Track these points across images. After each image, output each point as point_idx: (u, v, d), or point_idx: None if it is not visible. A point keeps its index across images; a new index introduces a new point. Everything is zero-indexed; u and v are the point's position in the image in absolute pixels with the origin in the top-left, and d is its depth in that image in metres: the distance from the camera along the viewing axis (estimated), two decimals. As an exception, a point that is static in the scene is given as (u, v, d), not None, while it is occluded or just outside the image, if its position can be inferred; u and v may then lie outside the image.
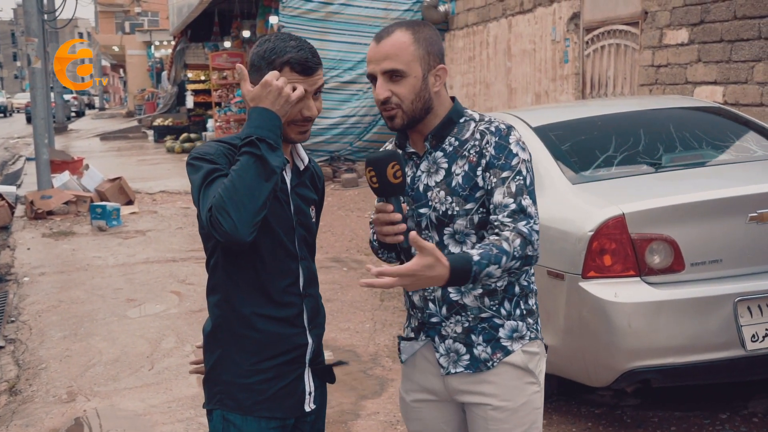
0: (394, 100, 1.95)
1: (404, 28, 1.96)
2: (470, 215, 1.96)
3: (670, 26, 7.32)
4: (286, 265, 2.00)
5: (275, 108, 1.84)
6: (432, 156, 2.02)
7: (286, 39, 1.92)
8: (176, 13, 21.26)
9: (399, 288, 1.94)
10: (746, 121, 4.14)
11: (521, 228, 1.88)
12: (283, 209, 1.99)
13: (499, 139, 1.95)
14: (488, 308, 1.99)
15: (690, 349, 3.13)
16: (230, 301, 1.98)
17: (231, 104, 17.24)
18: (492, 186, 1.93)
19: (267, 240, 1.95)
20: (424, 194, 2.01)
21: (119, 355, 4.99)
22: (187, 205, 10.99)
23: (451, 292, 1.98)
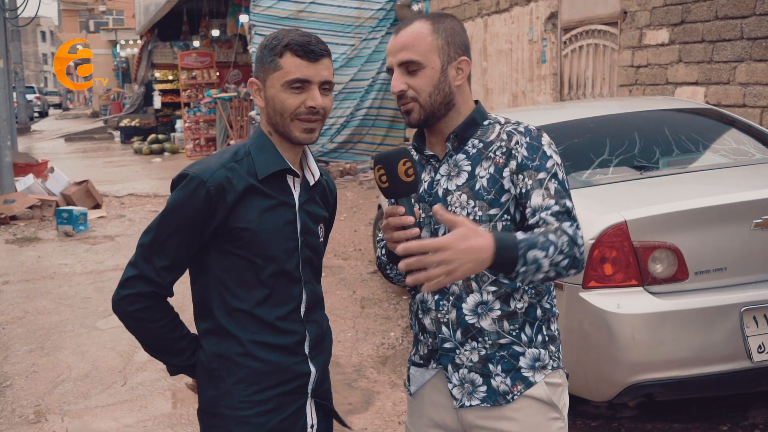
0: (410, 94, 1.80)
1: (424, 19, 1.82)
2: (494, 221, 1.78)
3: (650, 26, 7.25)
4: (288, 290, 1.83)
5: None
6: (453, 159, 1.85)
7: (291, 29, 1.80)
8: (143, 12, 20.88)
9: (380, 295, 1.75)
10: (739, 123, 4.05)
11: (566, 228, 1.68)
12: (288, 229, 1.82)
13: (530, 139, 1.79)
14: (508, 333, 1.81)
15: (695, 361, 3.01)
16: (224, 328, 1.81)
17: (200, 104, 16.91)
18: (528, 188, 1.75)
19: (268, 266, 1.79)
20: (444, 199, 1.83)
21: (90, 370, 4.74)
22: (156, 208, 10.71)
23: (467, 314, 1.81)
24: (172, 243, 1.76)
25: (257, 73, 1.81)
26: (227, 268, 1.79)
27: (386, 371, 4.59)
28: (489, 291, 1.80)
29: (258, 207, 1.77)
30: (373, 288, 6.38)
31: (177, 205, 1.75)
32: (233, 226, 1.76)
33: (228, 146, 1.88)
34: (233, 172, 1.76)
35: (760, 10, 6.02)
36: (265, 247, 1.77)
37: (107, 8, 48.88)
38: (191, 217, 1.74)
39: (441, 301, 1.84)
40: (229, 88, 15.51)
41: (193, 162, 1.83)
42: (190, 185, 1.74)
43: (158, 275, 1.77)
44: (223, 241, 1.78)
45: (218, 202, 1.73)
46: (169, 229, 1.76)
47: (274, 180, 1.80)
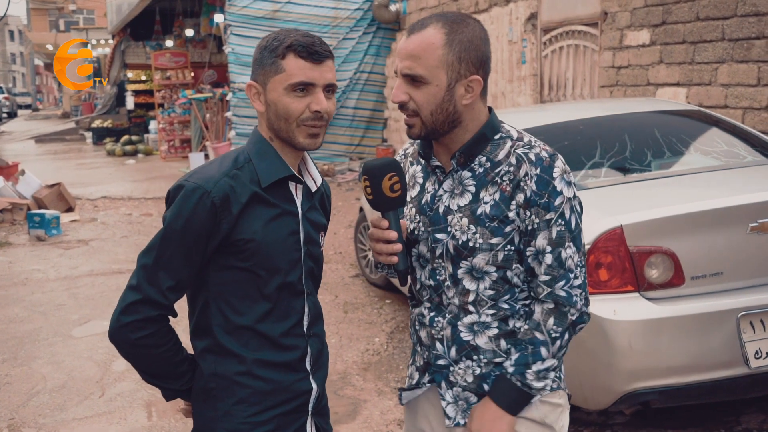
0: (411, 106, 1.69)
1: (441, 24, 1.65)
2: (495, 251, 1.69)
3: (631, 27, 7.24)
4: (291, 304, 1.74)
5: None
6: (458, 175, 1.75)
7: (290, 30, 1.70)
8: (115, 11, 20.56)
9: (363, 299, 1.70)
10: (727, 125, 4.02)
11: (558, 292, 1.67)
12: (292, 239, 1.72)
13: (540, 171, 1.65)
14: (504, 352, 1.74)
15: (693, 368, 2.96)
16: (224, 346, 1.71)
17: (175, 105, 16.67)
18: (534, 227, 1.67)
19: (272, 278, 1.69)
20: (444, 218, 1.74)
21: (66, 381, 4.59)
22: (131, 211, 10.51)
23: (462, 330, 1.74)
24: (178, 261, 1.65)
25: (256, 75, 1.71)
26: (228, 283, 1.70)
27: (372, 378, 4.50)
28: (488, 313, 1.74)
29: (263, 217, 1.69)
30: (356, 292, 6.29)
31: (180, 218, 1.63)
32: (237, 238, 1.66)
33: (225, 154, 1.77)
34: (236, 180, 1.67)
35: (742, 11, 6.02)
36: (270, 258, 1.69)
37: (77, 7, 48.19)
38: (196, 231, 1.63)
39: (436, 318, 1.79)
40: (204, 88, 15.32)
41: (191, 171, 1.73)
42: (193, 196, 1.63)
43: (165, 297, 1.66)
44: (226, 255, 1.68)
45: (223, 213, 1.64)
46: (172, 246, 1.64)
47: (277, 188, 1.71)
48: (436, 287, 1.77)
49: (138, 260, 1.68)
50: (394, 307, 5.87)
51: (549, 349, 1.68)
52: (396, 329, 5.35)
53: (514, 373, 1.68)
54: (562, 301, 1.67)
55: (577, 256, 1.69)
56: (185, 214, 1.62)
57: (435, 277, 1.77)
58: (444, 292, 1.76)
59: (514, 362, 1.68)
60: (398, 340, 5.12)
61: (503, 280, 1.71)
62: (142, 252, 1.69)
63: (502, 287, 1.72)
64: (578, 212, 1.70)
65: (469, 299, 1.73)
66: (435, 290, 1.78)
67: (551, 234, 1.66)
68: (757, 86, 5.97)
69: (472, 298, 1.72)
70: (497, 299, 1.72)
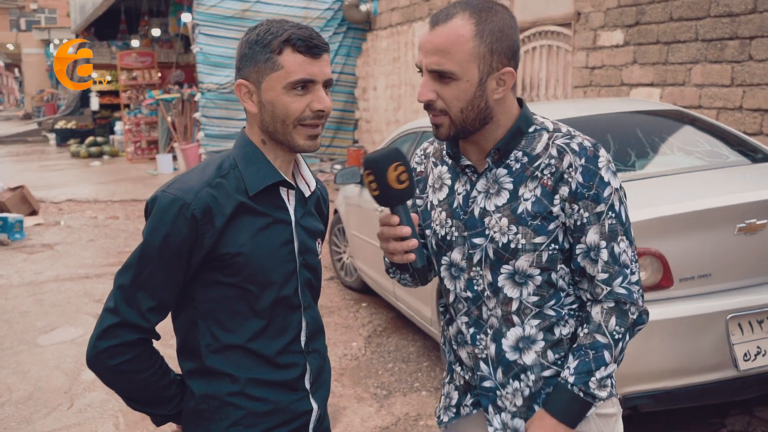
0: (438, 105, 1.55)
1: (468, 14, 1.51)
2: (539, 251, 1.56)
3: (604, 27, 7.24)
4: (287, 319, 1.61)
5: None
6: (493, 173, 1.61)
7: (281, 21, 1.55)
8: (78, 10, 20.18)
9: (339, 302, 1.58)
10: (709, 125, 3.99)
11: (617, 290, 1.56)
12: (285, 250, 1.60)
13: (586, 161, 1.53)
14: (552, 363, 1.62)
15: (682, 371, 2.92)
16: (214, 367, 1.58)
17: (141, 106, 16.37)
18: (583, 221, 1.55)
19: (264, 294, 1.56)
20: (481, 220, 1.61)
21: (32, 392, 4.41)
22: (97, 214, 10.27)
23: (507, 351, 1.62)
24: (158, 279, 1.51)
25: (246, 73, 1.55)
26: (216, 300, 1.57)
27: (351, 384, 4.40)
28: (532, 324, 1.62)
29: (250, 228, 1.55)
30: (331, 296, 6.18)
31: (158, 234, 1.50)
32: (223, 252, 1.53)
33: (208, 160, 1.63)
34: (219, 189, 1.53)
35: (715, 11, 6.05)
36: (261, 272, 1.56)
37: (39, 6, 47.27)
38: (176, 246, 1.49)
39: (478, 335, 1.66)
40: (171, 89, 15.05)
41: (170, 181, 1.58)
42: (171, 209, 1.49)
43: (145, 319, 1.52)
44: (211, 270, 1.55)
45: (206, 227, 1.50)
46: (151, 263, 1.50)
47: (267, 195, 1.58)
48: (475, 298, 1.64)
49: (115, 280, 1.56)
50: (370, 310, 5.77)
51: (612, 352, 1.56)
52: (373, 333, 5.26)
53: (576, 383, 1.55)
54: (624, 298, 1.56)
55: (630, 250, 1.58)
56: (164, 228, 1.49)
57: (473, 288, 1.64)
58: (484, 304, 1.63)
59: (575, 371, 1.55)
60: (376, 345, 5.03)
61: (548, 284, 1.59)
62: (119, 271, 1.55)
63: (546, 292, 1.60)
64: (626, 205, 1.60)
65: (512, 308, 1.60)
66: (473, 302, 1.65)
67: (603, 228, 1.55)
68: (730, 86, 5.99)
69: (515, 306, 1.60)
70: (542, 306, 1.60)
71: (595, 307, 1.59)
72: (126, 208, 10.72)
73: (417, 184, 1.78)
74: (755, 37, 5.71)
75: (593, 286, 1.58)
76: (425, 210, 1.75)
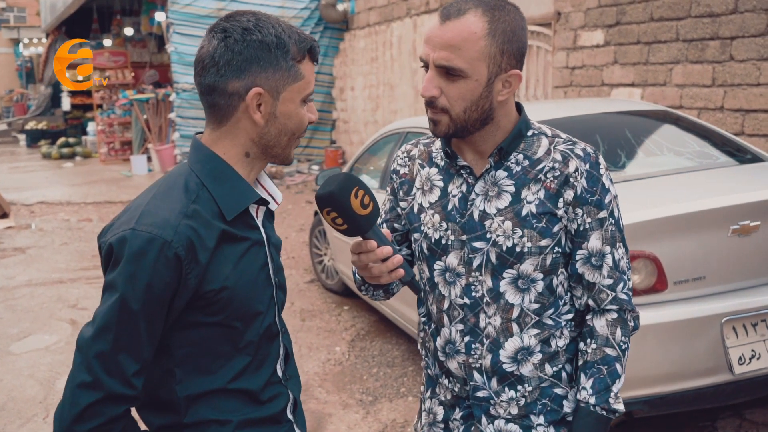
0: (441, 103, 1.49)
1: (481, 11, 1.45)
2: (543, 254, 1.53)
3: (585, 27, 7.23)
4: (267, 350, 1.47)
5: None
6: (492, 175, 1.56)
7: (280, 21, 1.39)
8: (49, 9, 19.84)
9: (320, 305, 1.47)
10: (696, 125, 3.97)
11: (620, 296, 1.55)
12: (263, 274, 1.45)
13: (590, 167, 1.53)
14: (549, 376, 1.59)
15: (677, 376, 2.87)
16: (197, 416, 1.41)
17: (115, 106, 16.12)
18: (586, 227, 1.53)
19: (250, 327, 1.42)
20: (481, 224, 1.55)
21: (5, 402, 4.26)
22: (70, 217, 10.06)
23: (505, 361, 1.57)
24: (141, 337, 1.29)
25: (262, 80, 1.35)
26: (196, 343, 1.38)
27: (335, 390, 4.31)
28: (531, 334, 1.57)
29: (232, 257, 1.38)
30: (312, 299, 6.08)
31: (136, 284, 1.26)
32: (207, 290, 1.34)
33: (165, 181, 1.40)
34: (197, 219, 1.33)
35: (696, 12, 6.05)
36: (245, 305, 1.39)
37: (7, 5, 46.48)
38: (159, 295, 1.28)
39: (473, 344, 1.59)
40: (145, 89, 14.84)
41: (130, 214, 1.33)
42: (149, 252, 1.27)
43: (131, 386, 1.30)
44: (191, 311, 1.36)
45: (191, 266, 1.30)
46: (133, 320, 1.28)
47: (240, 215, 1.41)
48: (473, 305, 1.58)
49: (84, 346, 1.29)
50: (352, 313, 5.69)
51: (622, 363, 1.55)
52: (357, 337, 5.17)
53: (598, 403, 1.52)
54: (625, 304, 1.56)
55: (626, 256, 1.58)
56: (144, 276, 1.26)
57: (470, 294, 1.58)
58: (483, 311, 1.58)
59: (593, 390, 1.53)
60: (360, 349, 4.94)
61: (549, 291, 1.56)
62: (90, 335, 1.29)
63: (547, 299, 1.57)
64: (619, 208, 1.60)
65: (512, 316, 1.56)
66: (471, 309, 1.59)
67: (606, 234, 1.54)
68: (711, 87, 6.00)
69: (516, 313, 1.56)
70: (541, 314, 1.57)
71: (598, 320, 1.57)
72: (100, 211, 10.52)
73: (401, 186, 1.71)
74: (736, 37, 5.72)
75: (596, 293, 1.56)
76: (411, 213, 1.68)
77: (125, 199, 11.26)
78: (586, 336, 1.57)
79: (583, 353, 1.57)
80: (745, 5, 5.63)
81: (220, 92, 1.36)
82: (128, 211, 1.35)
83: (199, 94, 1.41)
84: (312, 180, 11.79)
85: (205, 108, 1.41)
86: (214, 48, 1.35)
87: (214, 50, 1.35)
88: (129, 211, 1.35)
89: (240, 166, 1.41)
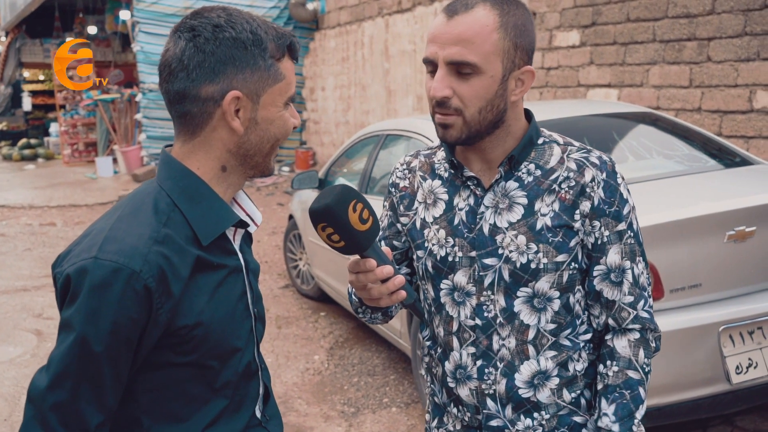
0: (454, 103, 1.37)
1: (490, 5, 1.37)
2: (560, 270, 1.43)
3: (560, 28, 7.18)
4: (246, 390, 1.32)
5: None
6: (502, 186, 1.45)
7: (249, 14, 1.25)
8: (8, 7, 19.32)
9: (296, 312, 1.33)
10: (682, 128, 3.91)
11: (642, 314, 1.45)
12: (241, 305, 1.29)
13: (607, 176, 1.44)
14: (569, 403, 1.48)
15: (675, 387, 2.80)
16: None
17: (79, 107, 15.74)
18: (604, 240, 1.44)
19: (226, 366, 1.26)
20: (492, 239, 1.44)
21: (-33, 420, 4.05)
22: (33, 221, 9.75)
23: (521, 386, 1.46)
24: (105, 383, 1.13)
25: (239, 82, 1.20)
26: (165, 387, 1.22)
27: (316, 401, 4.18)
28: (548, 356, 1.47)
29: (207, 288, 1.22)
30: (287, 305, 5.93)
31: (99, 322, 1.10)
32: (179, 326, 1.17)
33: (131, 201, 1.23)
34: (169, 244, 1.17)
35: (673, 12, 6.02)
36: (222, 341, 1.23)
37: (-35, 3, 45.40)
38: (126, 334, 1.12)
39: (486, 368, 1.48)
40: (110, 89, 14.51)
41: (90, 238, 1.17)
42: (115, 284, 1.10)
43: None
44: (160, 350, 1.19)
45: (162, 299, 1.14)
46: (94, 364, 1.11)
47: (216, 239, 1.25)
48: (485, 326, 1.47)
49: (38, 398, 1.12)
50: (329, 319, 5.55)
51: (645, 387, 1.46)
52: (335, 345, 5.04)
53: (621, 431, 1.42)
54: (647, 323, 1.47)
55: (646, 271, 1.49)
56: (108, 313, 1.10)
57: (482, 314, 1.47)
58: (496, 332, 1.46)
59: (616, 417, 1.42)
60: (339, 357, 4.81)
61: (565, 309, 1.46)
62: (45, 384, 1.12)
63: (564, 318, 1.46)
64: (637, 220, 1.50)
65: (528, 337, 1.45)
66: (483, 330, 1.47)
67: (625, 248, 1.44)
68: (689, 87, 5.98)
69: (532, 335, 1.45)
70: (558, 335, 1.46)
71: (619, 340, 1.47)
72: (64, 214, 10.23)
73: (402, 200, 1.59)
74: (714, 38, 5.70)
75: (617, 311, 1.46)
76: (413, 229, 1.56)
77: (90, 203, 10.97)
78: (605, 357, 1.47)
79: (603, 376, 1.47)
80: (723, 6, 5.62)
81: (191, 99, 1.20)
82: (88, 236, 1.18)
83: (166, 104, 1.24)
84: (283, 182, 11.60)
85: (175, 118, 1.24)
86: (181, 49, 1.19)
87: (181, 52, 1.19)
88: (89, 236, 1.18)
89: (216, 183, 1.25)
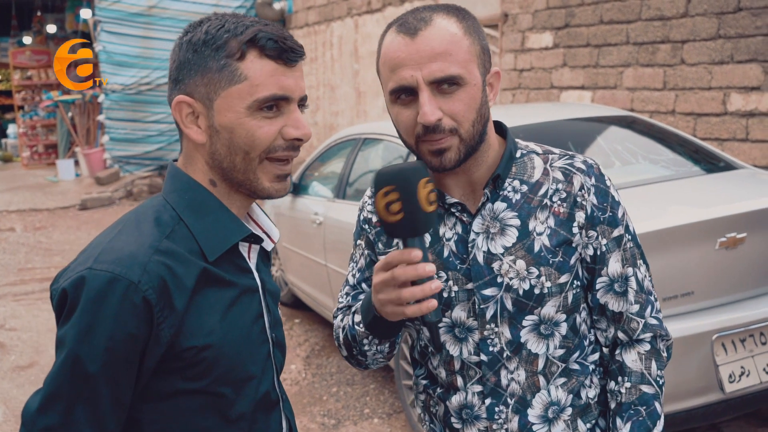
0: (446, 124, 1.26)
1: (444, 14, 1.27)
2: (565, 292, 1.33)
3: (533, 29, 7.15)
4: (264, 424, 1.21)
5: None
6: (488, 209, 1.34)
7: (234, 14, 1.16)
8: (-37, 5, 18.75)
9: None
10: (665, 132, 3.88)
11: (650, 321, 1.37)
12: (257, 328, 1.19)
13: (596, 180, 1.35)
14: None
15: (668, 398, 2.74)
16: None
17: (38, 108, 15.33)
18: (603, 250, 1.35)
19: (241, 395, 1.15)
20: (488, 267, 1.33)
21: (-73, 441, 3.86)
22: (-7, 227, 9.45)
23: (535, 422, 1.36)
24: (103, 406, 1.04)
25: (189, 87, 1.13)
26: (174, 417, 1.12)
27: (295, 413, 4.05)
28: (558, 384, 1.37)
29: (218, 305, 1.13)
30: (261, 312, 5.79)
31: (97, 337, 1.02)
32: (186, 347, 1.08)
33: (133, 215, 1.16)
34: (172, 256, 1.08)
35: (646, 15, 6.03)
36: (236, 367, 1.14)
37: None
38: (124, 351, 1.04)
39: (496, 407, 1.37)
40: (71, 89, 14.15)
41: (91, 249, 1.10)
42: (112, 295, 1.02)
43: None
44: (166, 375, 1.10)
45: (163, 313, 1.06)
46: (90, 385, 1.03)
47: (227, 255, 1.16)
48: (492, 362, 1.36)
49: (29, 421, 1.04)
50: (304, 327, 5.43)
51: (660, 401, 1.37)
52: (312, 353, 4.93)
53: None
54: (658, 330, 1.39)
55: (649, 274, 1.41)
56: (104, 327, 1.02)
57: (487, 350, 1.35)
58: (504, 367, 1.36)
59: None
60: (316, 366, 4.70)
61: (573, 332, 1.37)
62: (36, 407, 1.04)
63: (572, 341, 1.37)
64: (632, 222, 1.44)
65: (538, 367, 1.35)
66: (490, 367, 1.36)
67: (626, 254, 1.36)
68: (662, 90, 5.99)
69: (542, 364, 1.35)
70: (567, 360, 1.37)
71: (629, 354, 1.38)
72: (24, 219, 9.93)
73: (379, 236, 1.46)
74: (687, 41, 5.71)
75: (626, 323, 1.38)
76: None
77: (52, 207, 10.67)
78: (616, 373, 1.39)
79: (615, 394, 1.38)
80: (696, 9, 5.63)
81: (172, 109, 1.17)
82: (86, 251, 1.10)
83: None
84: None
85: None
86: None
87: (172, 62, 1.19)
88: (87, 250, 1.10)
89: (219, 197, 1.17)
